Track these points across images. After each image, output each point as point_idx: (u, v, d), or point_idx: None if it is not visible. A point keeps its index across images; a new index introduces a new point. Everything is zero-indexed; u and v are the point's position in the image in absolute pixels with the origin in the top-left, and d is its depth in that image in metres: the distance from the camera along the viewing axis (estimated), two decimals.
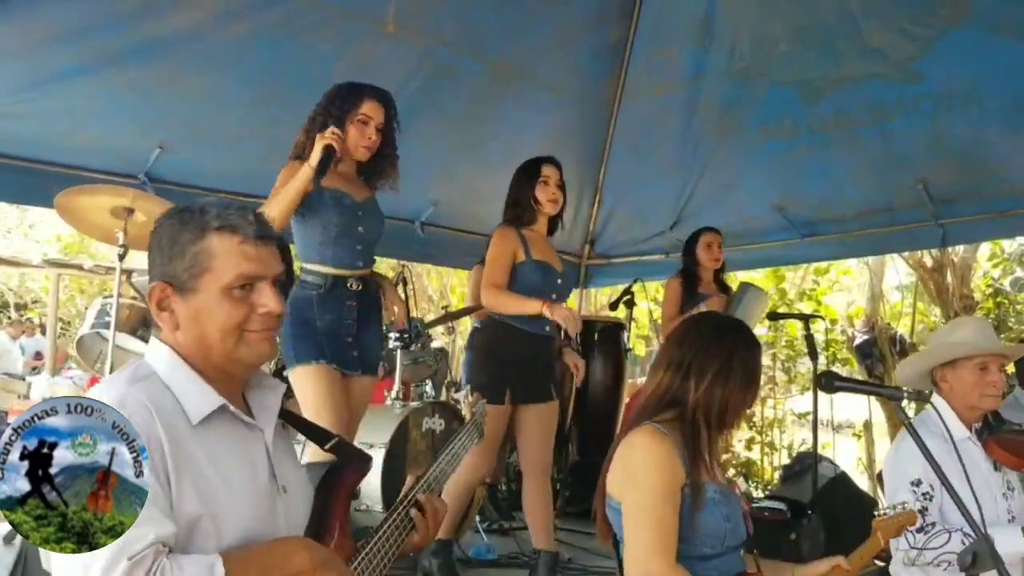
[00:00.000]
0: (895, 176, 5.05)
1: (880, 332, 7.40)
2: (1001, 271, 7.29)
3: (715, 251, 4.73)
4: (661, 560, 1.79)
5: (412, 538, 1.64)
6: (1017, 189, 4.77)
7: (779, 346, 8.20)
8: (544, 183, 3.54)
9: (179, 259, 1.42)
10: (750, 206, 5.76)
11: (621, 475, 1.93)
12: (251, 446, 1.47)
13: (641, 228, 6.42)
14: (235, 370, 1.47)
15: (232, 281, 1.41)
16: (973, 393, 2.61)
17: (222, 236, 1.42)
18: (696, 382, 1.95)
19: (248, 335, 1.43)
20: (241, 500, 1.39)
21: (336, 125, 2.96)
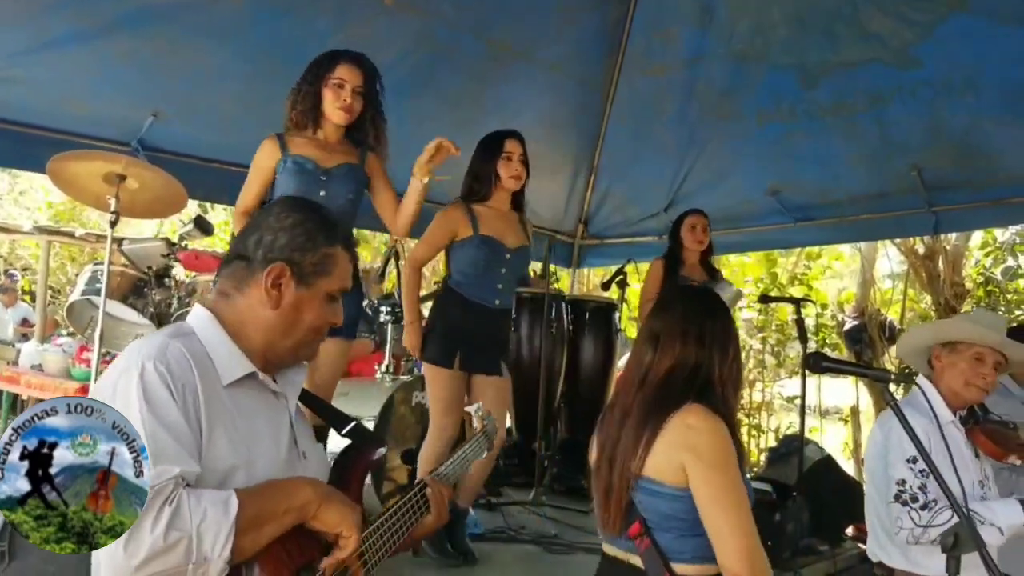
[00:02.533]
0: (890, 162, 5.06)
1: (870, 318, 7.44)
2: (993, 260, 7.32)
3: (699, 233, 4.70)
4: (759, 546, 1.78)
5: (426, 519, 1.73)
6: (1012, 178, 4.80)
7: (769, 330, 8.24)
8: (507, 158, 3.55)
9: (310, 253, 1.56)
10: (744, 190, 5.77)
11: (688, 459, 1.81)
12: (278, 412, 1.58)
13: (635, 209, 6.43)
14: (288, 361, 1.61)
15: (336, 290, 1.59)
16: (960, 379, 2.64)
17: (345, 252, 1.61)
18: (720, 357, 1.93)
19: (319, 338, 1.61)
20: (270, 455, 1.50)
21: (308, 88, 3.07)
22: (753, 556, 1.74)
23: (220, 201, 6.01)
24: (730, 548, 1.75)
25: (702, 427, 1.82)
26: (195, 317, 1.56)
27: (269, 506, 1.38)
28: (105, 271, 3.52)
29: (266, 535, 1.37)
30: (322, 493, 1.46)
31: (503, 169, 3.55)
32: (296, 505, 1.41)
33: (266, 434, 1.52)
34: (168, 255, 4.47)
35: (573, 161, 6.20)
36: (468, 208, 3.55)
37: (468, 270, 3.53)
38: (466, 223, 3.52)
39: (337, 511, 1.45)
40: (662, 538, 1.85)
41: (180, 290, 4.46)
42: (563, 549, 3.92)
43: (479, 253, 3.50)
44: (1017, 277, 7.17)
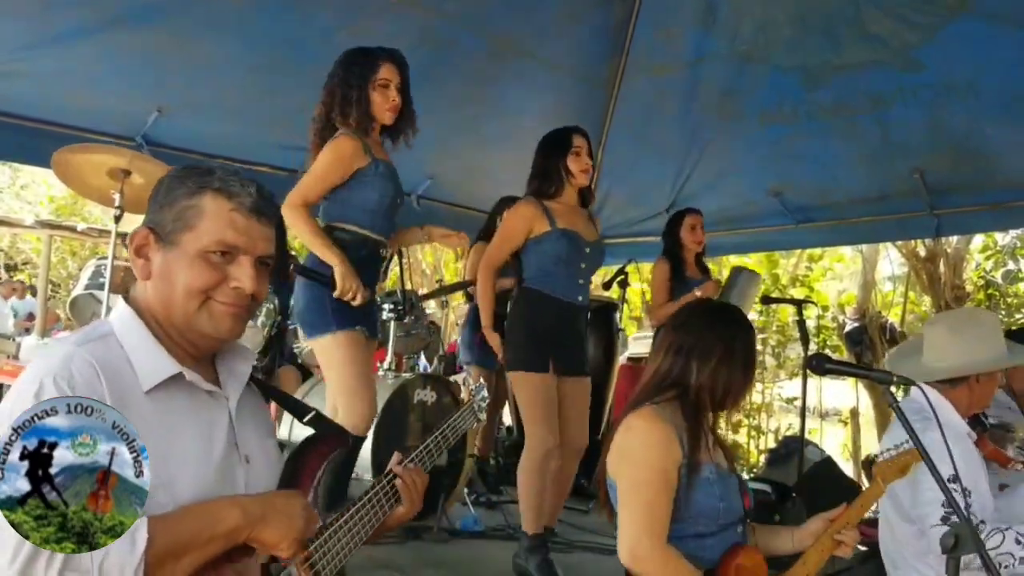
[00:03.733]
0: (891, 165, 5.07)
1: (871, 320, 7.45)
2: (993, 263, 7.33)
3: (698, 233, 4.71)
4: (648, 539, 1.82)
5: (397, 509, 1.62)
6: (1013, 181, 4.80)
7: (770, 331, 8.25)
8: (576, 153, 3.50)
9: (168, 209, 1.38)
10: (746, 190, 5.79)
11: (617, 455, 1.95)
12: (212, 414, 1.42)
13: (637, 209, 6.43)
14: (196, 339, 1.41)
15: (210, 245, 1.36)
16: (990, 397, 2.65)
17: (217, 198, 1.38)
18: (699, 365, 1.98)
19: (213, 304, 1.38)
20: (195, 469, 1.34)
21: (358, 94, 2.99)
22: (635, 553, 1.84)
23: None
24: (621, 541, 1.87)
25: (635, 425, 1.94)
26: (116, 313, 1.41)
27: (187, 536, 1.24)
28: (109, 266, 3.53)
29: (185, 568, 1.24)
30: (254, 515, 1.31)
31: (573, 164, 3.49)
32: (221, 532, 1.28)
33: (192, 442, 1.35)
34: None
35: None
36: (541, 203, 3.48)
37: (550, 266, 3.44)
38: (542, 218, 3.44)
39: (274, 529, 1.33)
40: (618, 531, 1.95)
41: None
42: (563, 547, 3.93)
43: (560, 246, 3.42)
44: (1017, 281, 7.18)
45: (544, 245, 3.43)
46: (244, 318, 1.43)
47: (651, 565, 1.82)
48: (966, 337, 2.61)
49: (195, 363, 1.42)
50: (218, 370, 1.48)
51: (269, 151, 4.76)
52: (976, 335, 2.61)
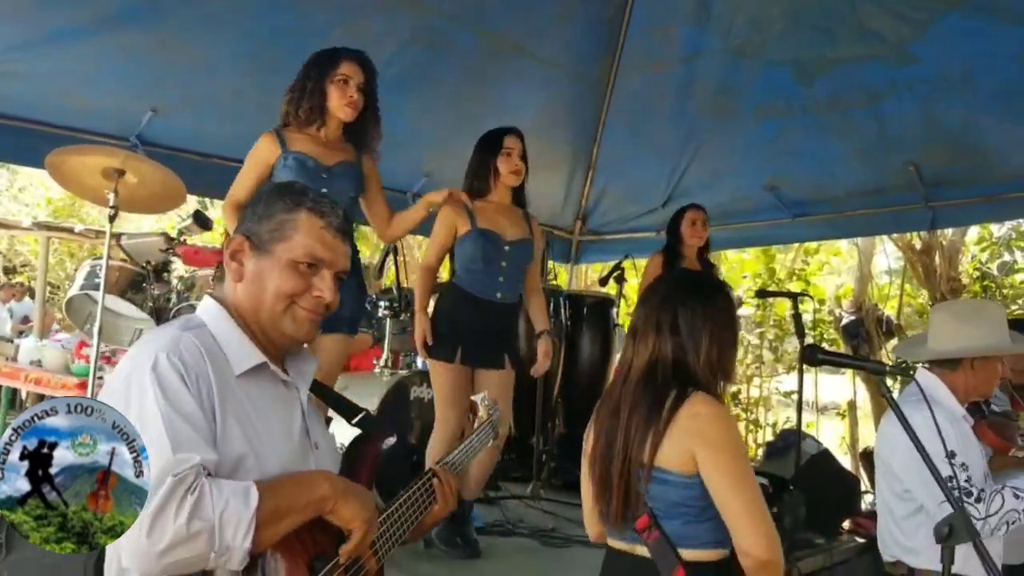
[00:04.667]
0: (887, 158, 5.07)
1: (867, 313, 7.46)
2: (989, 255, 7.34)
3: (699, 228, 4.71)
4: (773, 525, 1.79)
5: (433, 507, 1.75)
6: (1008, 174, 4.81)
7: (767, 325, 8.26)
8: (507, 155, 3.58)
9: (267, 221, 1.56)
10: (742, 185, 5.79)
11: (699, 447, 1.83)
12: (290, 402, 1.59)
13: (633, 205, 6.44)
14: (278, 338, 1.57)
15: (301, 256, 1.54)
16: (989, 384, 2.70)
17: (311, 216, 1.56)
18: (695, 344, 1.92)
19: (296, 309, 1.55)
20: (281, 447, 1.51)
21: (313, 85, 3.07)
22: (774, 540, 1.76)
23: (219, 196, 6.02)
24: (751, 532, 1.77)
25: (709, 414, 1.84)
26: (204, 309, 1.59)
27: (289, 500, 1.39)
28: (104, 265, 3.53)
29: (285, 527, 1.38)
30: (340, 488, 1.47)
31: (503, 165, 3.58)
32: (315, 499, 1.43)
33: (278, 424, 1.53)
34: (167, 250, 4.47)
35: (571, 157, 6.21)
36: (465, 204, 3.55)
37: (470, 265, 3.55)
38: (464, 218, 3.54)
39: (352, 507, 1.47)
40: (669, 526, 1.86)
41: (179, 285, 4.47)
42: (560, 542, 3.94)
43: (477, 246, 3.51)
44: (1013, 272, 7.19)
45: (465, 245, 3.55)
46: (318, 324, 1.61)
47: (780, 551, 1.79)
48: (967, 323, 2.66)
49: (273, 359, 1.58)
50: (287, 366, 1.63)
51: None
52: (977, 322, 2.67)
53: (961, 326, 2.66)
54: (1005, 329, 2.68)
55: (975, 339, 2.62)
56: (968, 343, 2.63)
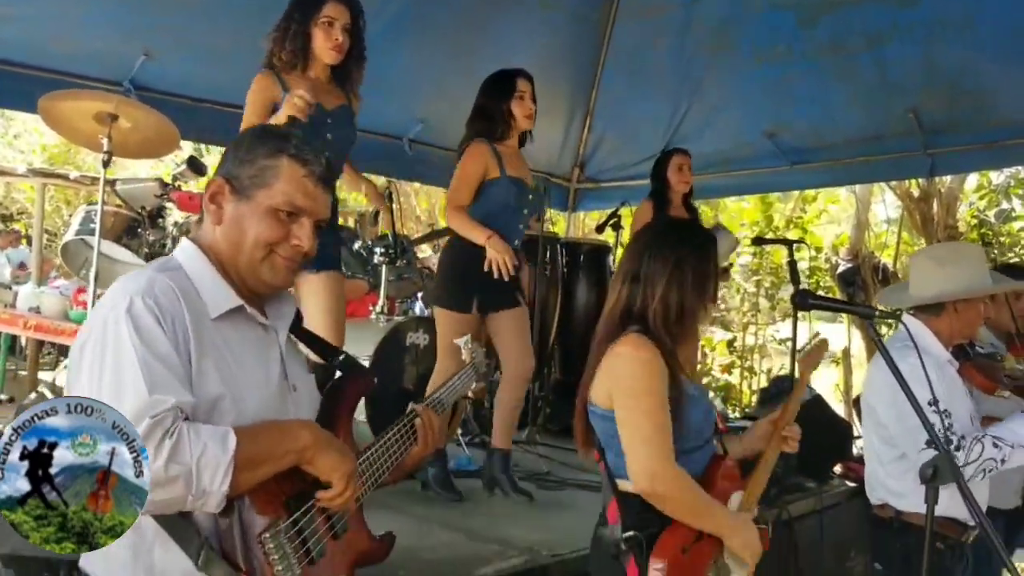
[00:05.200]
0: (886, 104, 5.03)
1: (864, 261, 7.47)
2: (987, 203, 7.32)
3: (686, 173, 4.67)
4: (666, 461, 1.86)
5: (413, 448, 1.75)
6: (1008, 120, 4.77)
7: (763, 273, 8.28)
8: (520, 98, 3.51)
9: (248, 165, 1.54)
10: (740, 132, 5.75)
11: (612, 384, 1.96)
12: (268, 345, 1.59)
13: (631, 152, 6.39)
14: (255, 284, 1.57)
15: (281, 204, 1.53)
16: (973, 326, 2.71)
17: (293, 163, 1.54)
18: (650, 292, 1.99)
19: (275, 257, 1.55)
20: (258, 390, 1.51)
21: (297, 28, 2.98)
22: (651, 474, 1.85)
23: (213, 142, 5.98)
24: (632, 465, 1.89)
25: (626, 354, 1.94)
26: (182, 251, 1.58)
27: (267, 447, 1.40)
28: (99, 211, 3.52)
29: (262, 474, 1.39)
30: (319, 440, 1.48)
31: (517, 108, 3.51)
32: (294, 449, 1.44)
33: (254, 366, 1.53)
34: (161, 195, 4.46)
35: (569, 103, 6.15)
36: (492, 147, 3.49)
37: (496, 211, 3.47)
38: (494, 163, 3.46)
39: (331, 459, 1.48)
40: (609, 457, 2.00)
41: (174, 231, 4.47)
42: (555, 485, 4.00)
43: (508, 194, 3.46)
44: (1010, 220, 7.18)
45: (492, 191, 3.47)
46: (296, 271, 1.61)
47: (670, 485, 1.86)
48: (947, 267, 2.67)
49: (249, 302, 1.57)
50: (266, 311, 1.63)
51: None
52: (957, 265, 2.68)
53: (941, 270, 2.67)
54: (985, 270, 2.69)
55: (955, 282, 2.63)
56: (948, 286, 2.64)
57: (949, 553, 2.55)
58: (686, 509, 1.88)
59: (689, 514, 1.88)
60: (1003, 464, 2.46)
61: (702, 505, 1.90)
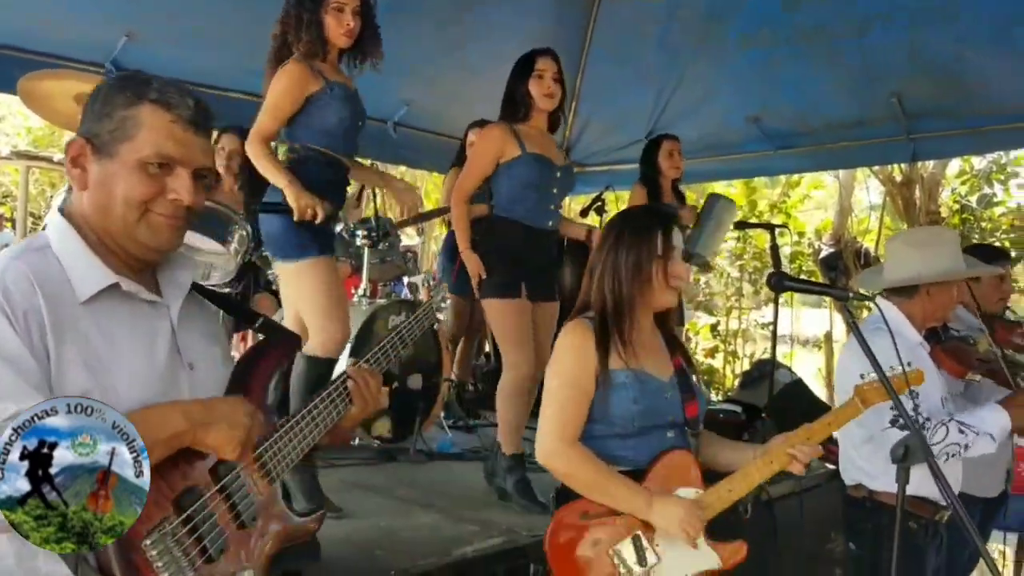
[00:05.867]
0: (870, 89, 5.05)
1: (846, 246, 7.52)
2: (968, 188, 7.37)
3: (676, 159, 4.68)
4: (555, 438, 2.01)
5: (351, 411, 1.64)
6: (990, 105, 4.80)
7: (747, 258, 8.31)
8: (539, 76, 3.41)
9: (106, 120, 1.38)
10: (725, 117, 5.76)
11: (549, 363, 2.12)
12: (153, 323, 1.44)
13: (616, 136, 6.40)
14: (136, 250, 1.42)
15: (149, 156, 1.37)
16: (945, 309, 2.75)
17: (155, 109, 1.38)
18: (597, 280, 2.11)
19: (152, 215, 1.40)
20: (136, 378, 1.37)
21: (310, 17, 2.91)
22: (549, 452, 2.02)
23: None
24: (536, 444, 2.06)
25: (560, 339, 2.10)
26: (51, 226, 1.43)
27: None
28: None
29: None
30: (197, 418, 1.35)
31: (535, 88, 3.40)
32: (163, 438, 1.30)
33: (133, 350, 1.38)
34: None
35: None
36: (510, 127, 3.43)
37: (520, 191, 3.39)
38: (512, 142, 3.38)
39: (217, 433, 1.36)
40: None
41: None
42: (537, 467, 4.00)
43: (531, 171, 3.37)
44: (992, 205, 7.23)
45: (514, 170, 3.38)
46: (183, 229, 1.45)
47: (557, 460, 2.01)
48: (921, 251, 2.71)
49: (135, 274, 1.43)
50: (159, 280, 1.49)
51: (244, 77, 4.65)
52: (931, 249, 2.71)
53: (915, 253, 2.70)
54: (959, 255, 2.72)
55: (928, 266, 2.67)
56: (922, 270, 2.67)
57: (922, 532, 2.60)
58: (581, 485, 2.01)
59: (585, 489, 2.00)
60: (966, 450, 2.49)
61: (599, 482, 2.00)
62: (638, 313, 2.10)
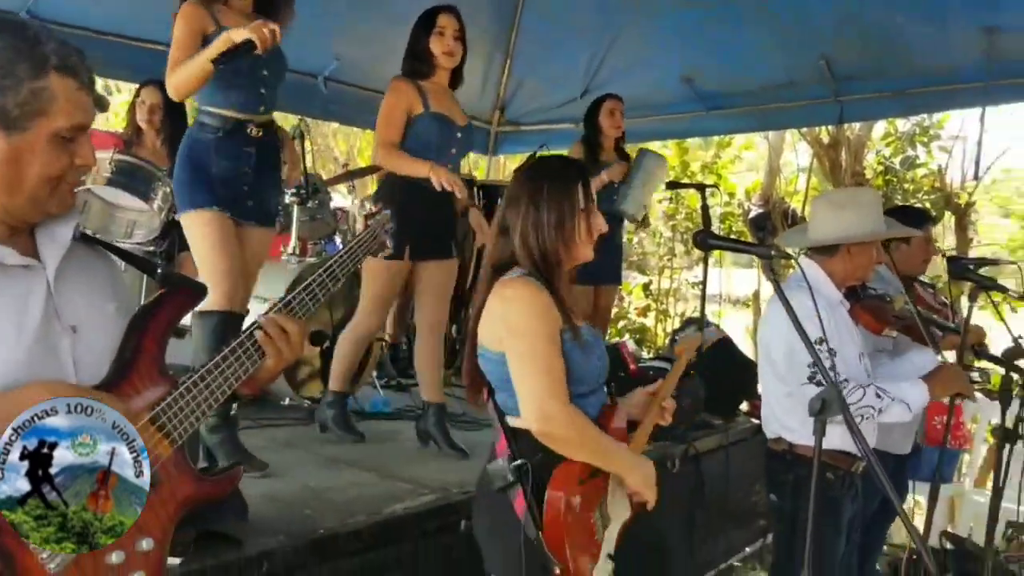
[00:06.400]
0: (800, 52, 5.11)
1: (774, 206, 7.67)
2: (892, 150, 7.54)
3: (618, 118, 4.69)
4: (556, 401, 1.88)
5: (266, 363, 1.54)
6: (915, 68, 4.89)
7: (679, 218, 8.40)
8: (439, 34, 3.42)
9: (12, 92, 1.28)
10: (659, 77, 5.77)
11: (501, 327, 1.96)
12: (26, 286, 1.35)
13: (551, 95, 6.38)
14: (35, 218, 1.37)
15: (63, 129, 1.31)
16: (865, 269, 2.80)
17: (63, 78, 1.31)
18: (520, 232, 2.00)
19: (62, 186, 1.36)
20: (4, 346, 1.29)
21: None
22: (548, 416, 1.87)
23: (118, 77, 5.76)
24: (524, 406, 1.90)
25: (512, 296, 1.95)
26: None
27: None
28: None
29: None
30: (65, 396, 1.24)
31: (435, 45, 3.42)
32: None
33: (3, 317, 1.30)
34: None
35: (489, 45, 6.08)
36: (415, 83, 3.42)
37: (419, 150, 3.39)
38: (416, 98, 3.39)
39: None
40: (500, 397, 2.01)
41: None
42: (470, 425, 4.05)
43: (431, 130, 3.39)
44: (915, 167, 7.42)
45: (416, 128, 3.40)
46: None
47: (560, 422, 1.88)
48: (843, 211, 2.76)
49: (9, 236, 1.36)
50: (37, 238, 1.40)
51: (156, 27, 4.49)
52: (852, 210, 2.76)
53: (838, 214, 2.75)
54: (880, 216, 2.78)
55: (850, 226, 2.72)
56: (843, 230, 2.73)
57: (839, 483, 2.68)
58: (583, 448, 1.91)
59: (586, 453, 1.92)
60: (880, 415, 2.56)
61: (601, 444, 1.94)
62: (565, 268, 2.06)
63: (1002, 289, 3.02)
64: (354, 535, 2.62)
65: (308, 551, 2.47)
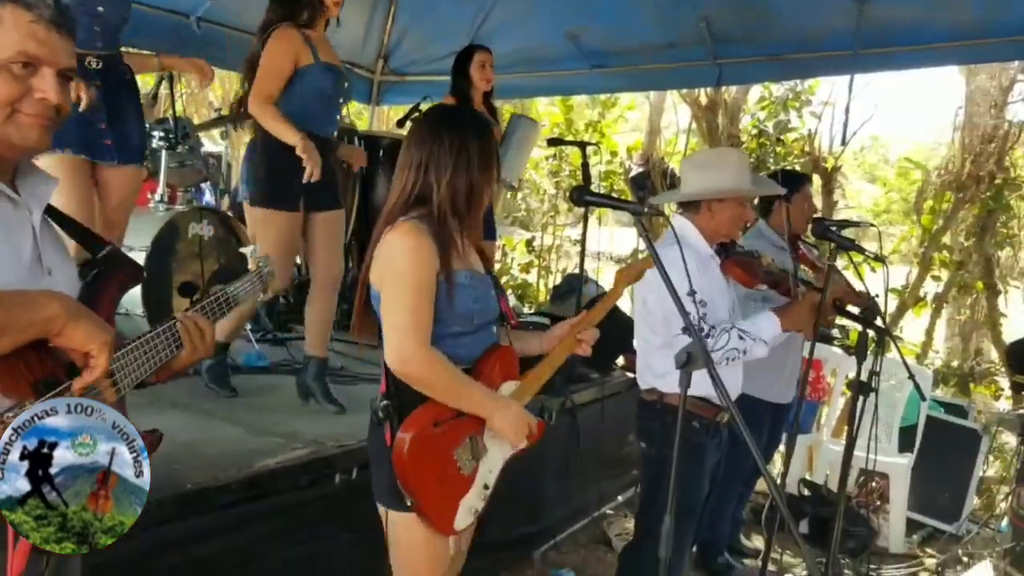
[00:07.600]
0: (680, 13, 5.17)
1: (654, 166, 7.83)
2: (766, 114, 7.80)
3: (488, 71, 4.58)
4: (413, 341, 1.94)
5: (181, 353, 1.64)
6: (790, 34, 5.01)
7: (563, 175, 8.48)
8: None
9: None
10: (544, 32, 5.74)
11: (382, 268, 2.02)
12: (16, 222, 1.46)
13: (436, 46, 6.27)
14: (4, 151, 1.43)
15: (11, 56, 1.38)
16: (731, 225, 2.91)
17: (15, 10, 1.38)
18: (437, 177, 2.04)
19: (19, 116, 1.41)
20: (6, 264, 1.40)
21: None
22: (405, 359, 1.95)
23: None
24: (388, 350, 1.98)
25: (394, 242, 2.01)
26: None
27: (8, 316, 1.27)
28: None
29: (3, 345, 1.27)
30: (71, 310, 1.36)
31: None
32: (40, 319, 1.31)
33: (1, 241, 1.41)
34: None
35: None
36: (302, 32, 3.31)
37: (312, 101, 3.32)
38: (306, 49, 3.28)
39: (86, 329, 1.36)
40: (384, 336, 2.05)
41: None
42: (348, 380, 4.02)
43: (324, 81, 3.32)
44: (787, 131, 7.69)
45: (307, 80, 3.31)
46: (50, 129, 1.47)
47: (416, 364, 1.95)
48: (706, 171, 2.91)
49: None
50: (19, 189, 1.49)
51: None
52: (714, 169, 2.91)
53: (703, 173, 2.91)
54: (744, 174, 2.91)
55: (710, 184, 2.87)
56: (705, 187, 2.87)
57: (703, 431, 2.81)
58: (438, 390, 1.99)
59: (442, 394, 2.00)
60: (745, 355, 2.74)
61: (456, 386, 2.01)
62: (479, 214, 2.13)
63: (860, 250, 3.17)
64: (223, 489, 2.57)
65: (175, 504, 2.42)
